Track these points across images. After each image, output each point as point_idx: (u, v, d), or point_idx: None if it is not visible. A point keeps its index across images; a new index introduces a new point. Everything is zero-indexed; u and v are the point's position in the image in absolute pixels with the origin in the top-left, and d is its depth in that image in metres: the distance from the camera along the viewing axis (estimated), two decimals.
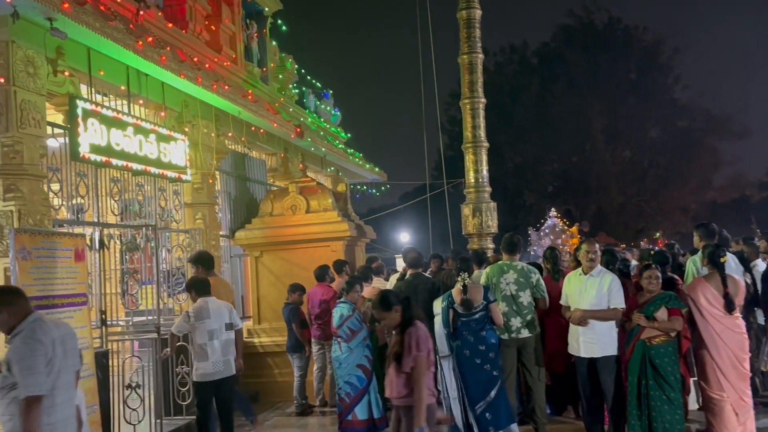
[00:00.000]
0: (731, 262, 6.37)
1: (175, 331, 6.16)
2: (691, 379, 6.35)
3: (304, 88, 14.48)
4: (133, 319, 7.55)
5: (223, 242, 9.71)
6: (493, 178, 11.44)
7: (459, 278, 6.01)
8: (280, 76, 12.84)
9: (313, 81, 15.29)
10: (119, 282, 7.77)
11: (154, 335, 6.78)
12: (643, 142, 37.47)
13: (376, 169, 16.56)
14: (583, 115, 35.41)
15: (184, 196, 8.69)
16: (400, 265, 18.50)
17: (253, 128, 10.13)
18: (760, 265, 7.34)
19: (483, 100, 10.85)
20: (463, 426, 5.84)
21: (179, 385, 7.21)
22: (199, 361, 5.99)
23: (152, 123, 7.64)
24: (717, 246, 5.90)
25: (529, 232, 25.67)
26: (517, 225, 31.01)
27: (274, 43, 12.63)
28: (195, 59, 8.29)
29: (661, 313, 5.55)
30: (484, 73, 11.17)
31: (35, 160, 5.94)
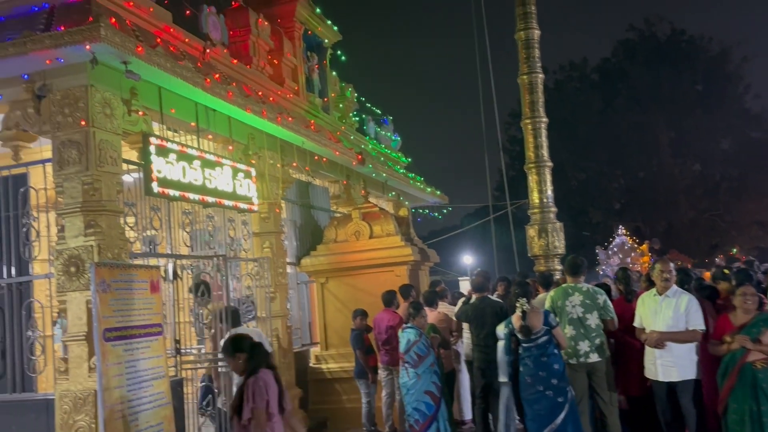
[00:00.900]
0: None
1: None
2: None
3: (364, 116, 14.68)
4: (205, 347, 7.74)
5: (290, 269, 9.88)
6: (556, 197, 11.26)
7: (517, 304, 5.92)
8: (341, 105, 13.07)
9: (373, 108, 15.49)
10: (191, 311, 8.00)
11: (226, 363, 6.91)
12: (714, 154, 36.10)
13: (438, 192, 16.54)
14: (648, 129, 34.50)
15: (252, 226, 8.90)
16: (464, 287, 18.34)
17: (316, 157, 10.32)
18: None
19: (545, 120, 10.76)
20: None
21: None
22: None
23: (221, 156, 7.88)
24: None
25: (597, 251, 24.97)
26: (583, 244, 30.28)
27: (334, 73, 12.91)
28: (259, 93, 8.54)
29: (765, 336, 5.24)
30: (544, 92, 11.10)
31: (113, 196, 6.20)
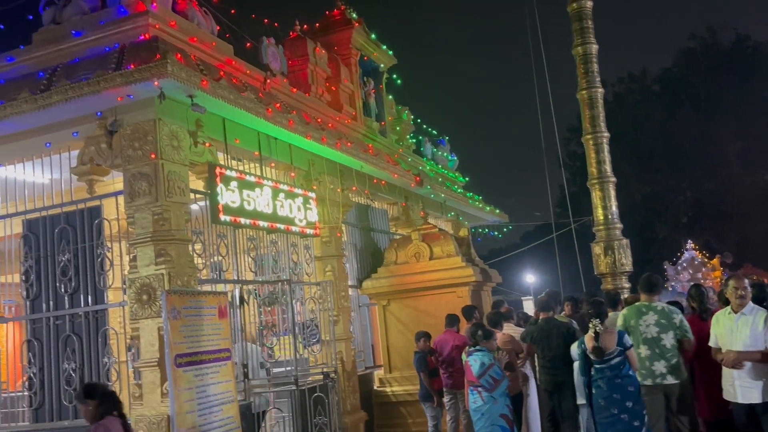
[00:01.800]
0: None
1: None
2: None
3: (421, 137, 14.76)
4: (272, 371, 7.84)
5: (352, 292, 9.95)
6: (620, 212, 11.00)
7: (591, 324, 5.78)
8: (398, 128, 13.20)
9: (429, 129, 15.56)
10: (256, 335, 8.13)
11: (293, 387, 7.00)
12: None
13: (497, 211, 16.39)
14: (713, 140, 33.34)
15: (315, 250, 9.03)
16: (527, 307, 18.01)
17: (375, 180, 10.42)
18: None
19: (606, 135, 10.57)
20: None
21: None
22: None
23: (284, 183, 8.06)
24: None
25: (665, 267, 24.12)
26: (650, 260, 29.35)
27: (390, 96, 13.06)
28: (319, 120, 8.71)
29: None
30: (603, 106, 10.90)
31: (181, 225, 6.41)
